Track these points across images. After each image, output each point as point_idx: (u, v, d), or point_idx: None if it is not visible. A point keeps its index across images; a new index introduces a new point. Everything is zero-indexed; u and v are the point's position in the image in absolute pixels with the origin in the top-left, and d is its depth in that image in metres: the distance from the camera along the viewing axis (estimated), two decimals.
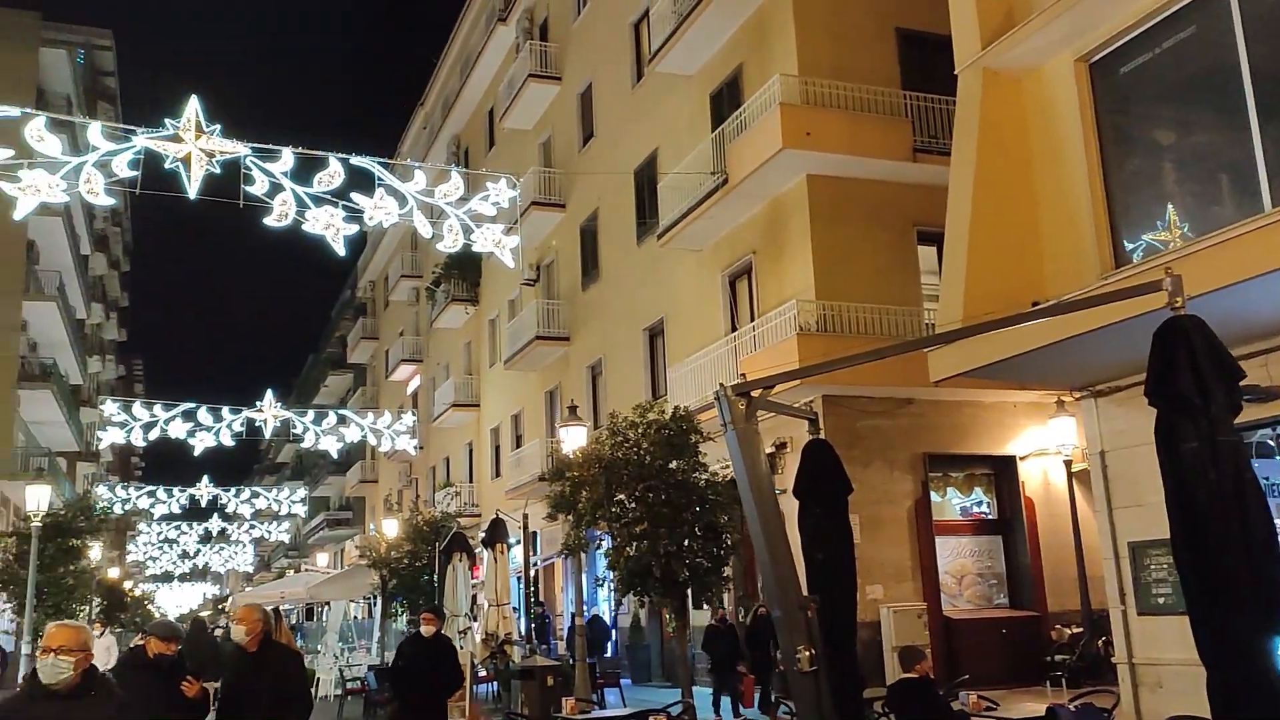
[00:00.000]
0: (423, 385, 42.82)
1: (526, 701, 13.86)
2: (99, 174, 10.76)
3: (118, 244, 60.89)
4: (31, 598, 20.00)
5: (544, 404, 28.96)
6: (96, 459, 53.53)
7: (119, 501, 30.35)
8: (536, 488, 24.96)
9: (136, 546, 52.11)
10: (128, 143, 10.78)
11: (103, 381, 59.00)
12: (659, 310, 22.61)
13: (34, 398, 36.48)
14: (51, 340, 39.73)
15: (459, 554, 18.17)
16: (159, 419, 21.05)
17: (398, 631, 28.11)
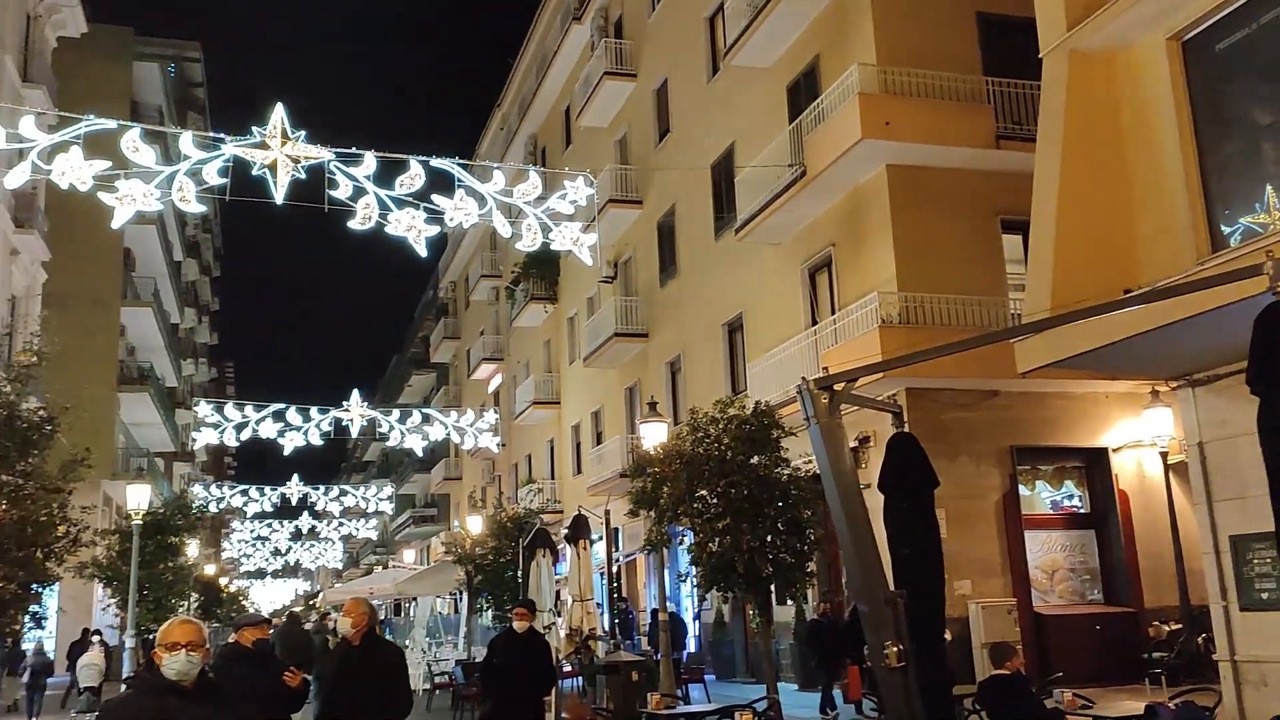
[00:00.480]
0: (504, 383, 43.28)
1: (611, 696, 13.93)
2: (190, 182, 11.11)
3: (208, 250, 62.81)
4: (134, 593, 20.73)
5: (623, 401, 29.04)
6: (192, 459, 55.32)
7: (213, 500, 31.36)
8: (618, 484, 25.07)
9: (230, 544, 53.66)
10: (217, 151, 11.12)
11: (196, 384, 60.91)
12: (738, 305, 22.52)
13: (132, 400, 37.83)
14: (148, 344, 41.15)
15: (542, 550, 18.32)
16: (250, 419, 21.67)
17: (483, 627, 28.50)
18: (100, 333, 34.71)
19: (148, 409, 39.26)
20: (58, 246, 29.69)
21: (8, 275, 25.93)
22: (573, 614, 17.79)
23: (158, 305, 40.31)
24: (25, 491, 11.39)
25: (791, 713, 12.97)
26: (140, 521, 21.07)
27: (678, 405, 25.14)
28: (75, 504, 12.46)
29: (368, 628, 6.83)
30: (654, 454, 14.30)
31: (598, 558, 23.21)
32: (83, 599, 30.08)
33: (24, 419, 11.71)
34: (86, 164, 10.57)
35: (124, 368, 37.95)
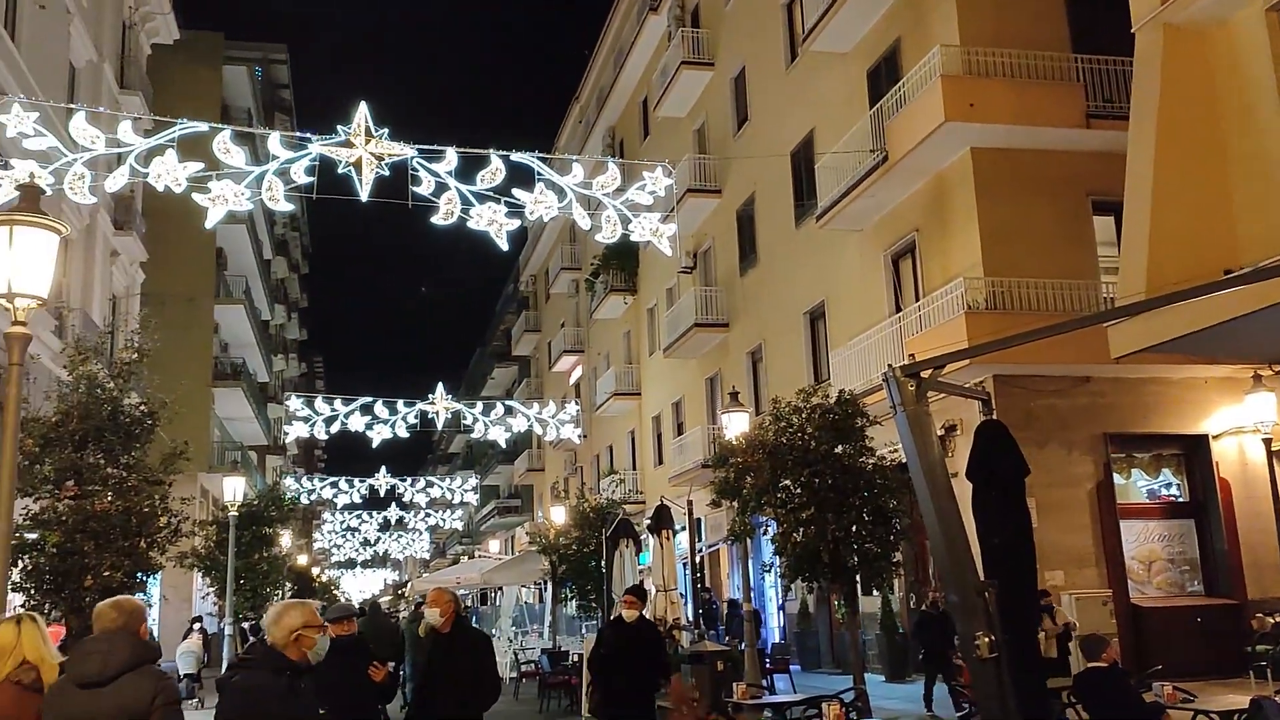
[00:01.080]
0: (585, 375, 43.56)
1: (696, 686, 13.96)
2: (279, 181, 11.42)
3: (296, 248, 64.34)
4: (231, 582, 21.39)
5: (704, 391, 29.02)
6: (283, 452, 56.81)
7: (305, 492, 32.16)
8: (699, 474, 25.08)
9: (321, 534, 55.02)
10: (304, 151, 11.40)
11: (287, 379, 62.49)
12: (819, 293, 22.33)
13: (226, 395, 38.98)
14: (240, 341, 42.34)
15: (625, 540, 18.44)
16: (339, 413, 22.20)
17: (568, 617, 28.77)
18: (195, 330, 35.80)
19: (241, 404, 40.40)
20: (154, 247, 30.73)
21: (108, 276, 26.90)
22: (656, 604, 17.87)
23: (249, 303, 41.44)
24: (129, 484, 11.81)
25: (879, 704, 12.84)
26: (236, 513, 21.71)
27: (759, 395, 25.04)
28: (175, 495, 12.89)
29: (454, 616, 6.91)
30: (736, 444, 14.28)
31: (681, 548, 23.26)
32: (183, 588, 31.09)
33: (127, 414, 12.15)
34: (181, 166, 10.94)
35: (218, 364, 39.10)
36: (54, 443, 11.52)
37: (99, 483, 11.61)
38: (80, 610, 11.13)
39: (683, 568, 24.17)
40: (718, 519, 26.21)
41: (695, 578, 20.32)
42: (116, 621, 4.33)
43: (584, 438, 36.76)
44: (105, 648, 4.18)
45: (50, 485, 11.39)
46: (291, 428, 22.57)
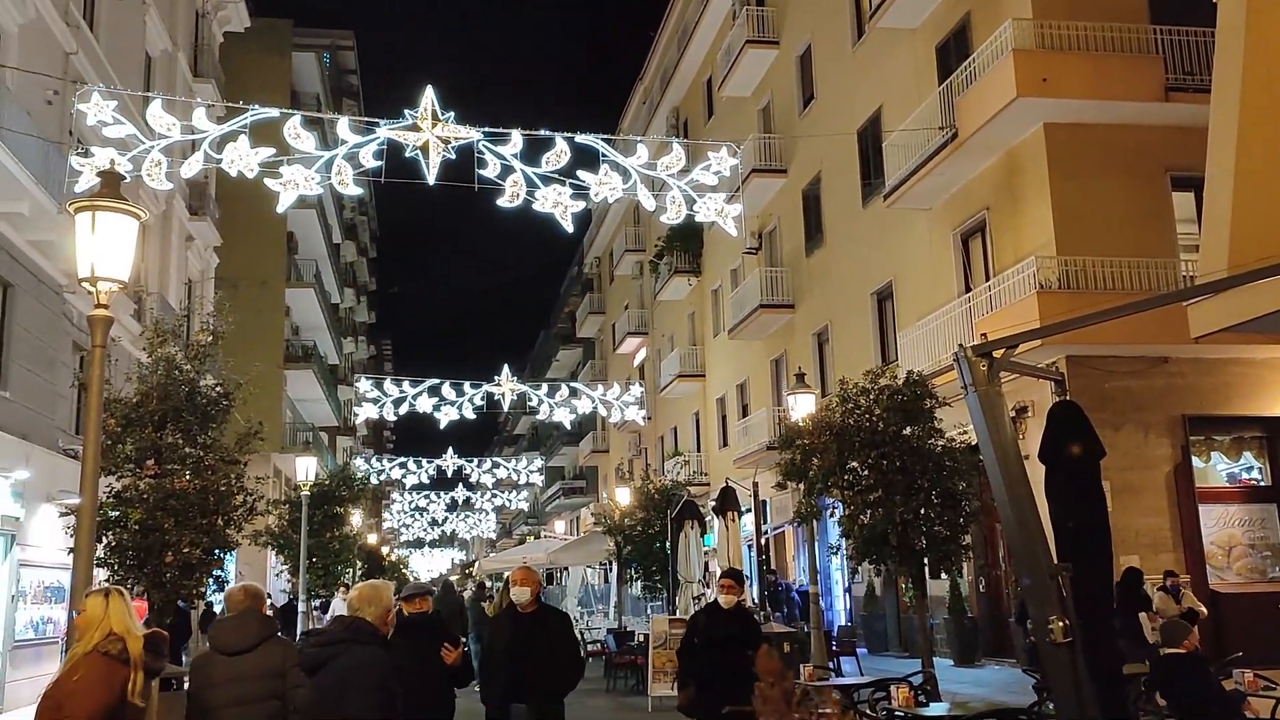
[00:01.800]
0: (649, 357, 43.64)
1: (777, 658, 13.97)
2: (348, 166, 11.59)
3: (365, 232, 65.26)
4: (304, 559, 21.85)
5: (770, 373, 28.91)
6: (353, 433, 57.83)
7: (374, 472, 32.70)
8: (765, 456, 25.02)
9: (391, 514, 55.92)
10: (371, 135, 11.55)
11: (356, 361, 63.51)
12: (887, 273, 22.09)
13: (298, 377, 39.78)
14: (311, 324, 43.14)
15: (690, 521, 18.51)
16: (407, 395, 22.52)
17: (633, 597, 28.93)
18: (267, 313, 36.51)
19: (312, 385, 41.20)
20: (227, 232, 31.42)
21: (184, 260, 27.57)
22: None
23: (319, 286, 42.17)
24: (206, 463, 12.10)
25: (948, 688, 12.71)
26: (308, 492, 22.16)
27: (825, 376, 24.90)
28: (250, 475, 13.19)
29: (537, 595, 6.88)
30: (803, 425, 14.21)
31: (746, 530, 23.26)
32: (257, 565, 31.87)
33: (203, 395, 12.44)
34: (253, 152, 11.16)
35: (289, 346, 39.88)
36: (134, 423, 11.83)
37: (178, 462, 11.91)
38: (161, 585, 11.46)
39: (748, 550, 24.16)
40: (783, 501, 26.15)
41: (760, 560, 20.29)
42: (245, 603, 5.33)
43: (648, 419, 36.81)
44: (242, 623, 5.19)
45: (131, 464, 11.70)
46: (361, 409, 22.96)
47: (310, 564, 23.17)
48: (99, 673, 4.56)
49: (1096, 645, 5.81)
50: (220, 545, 12.16)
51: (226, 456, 12.39)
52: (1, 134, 15.10)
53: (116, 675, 4.58)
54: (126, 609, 4.77)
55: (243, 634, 5.14)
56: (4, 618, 16.24)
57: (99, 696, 4.51)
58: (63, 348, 19.51)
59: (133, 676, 4.60)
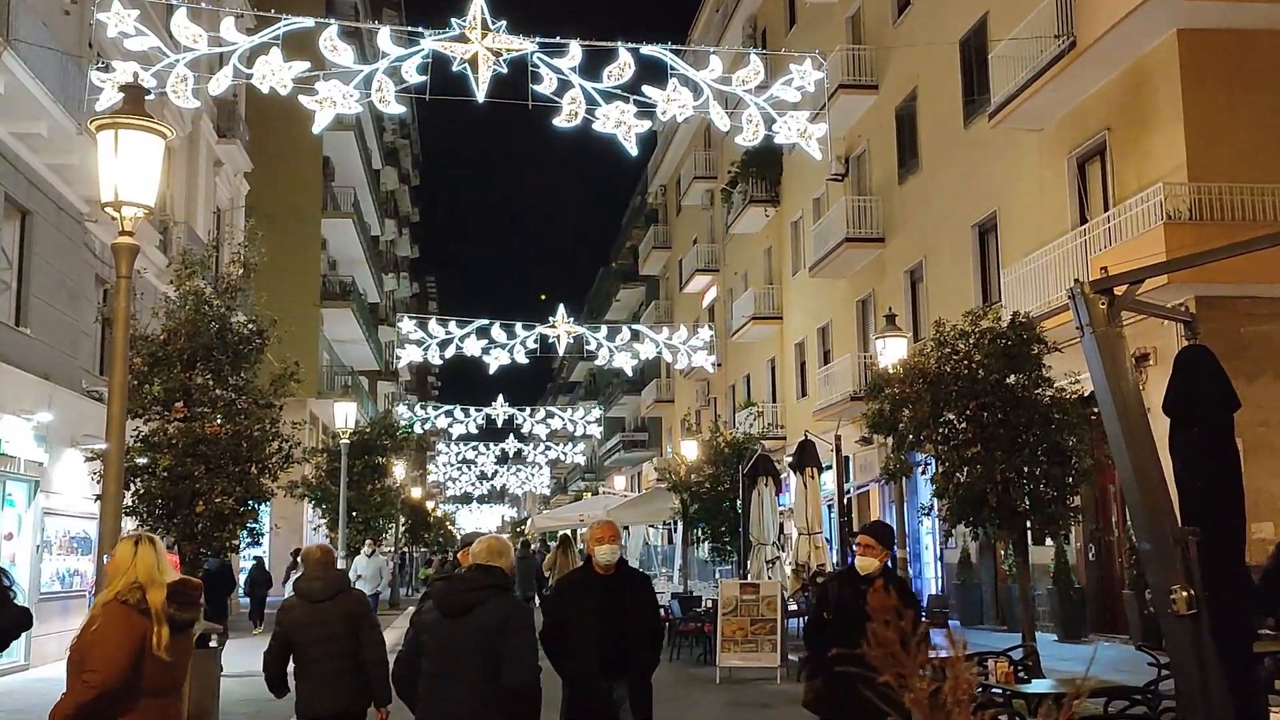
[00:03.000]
0: (719, 297, 43.54)
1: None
2: (389, 81, 11.62)
3: (406, 157, 65.67)
4: (344, 513, 22.36)
5: (855, 314, 28.71)
6: (395, 378, 58.73)
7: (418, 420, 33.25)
8: (848, 408, 24.94)
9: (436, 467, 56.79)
10: (415, 47, 11.55)
11: (398, 299, 64.32)
12: (990, 203, 21.72)
13: (335, 317, 40.38)
14: (349, 257, 43.69)
15: (764, 478, 18.54)
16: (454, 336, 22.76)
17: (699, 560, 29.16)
18: (302, 245, 37.04)
19: (350, 325, 41.82)
20: (258, 157, 31.81)
21: (212, 187, 28.01)
22: (799, 549, 17.98)
23: (358, 216, 42.60)
24: (239, 406, 12.39)
25: (1051, 665, 12.66)
26: (348, 441, 22.59)
27: (919, 318, 24.67)
28: (285, 420, 13.47)
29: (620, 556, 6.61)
30: (893, 372, 14.10)
31: (826, 488, 23.25)
32: (293, 518, 32.72)
33: (235, 333, 12.70)
34: (286, 66, 11.24)
35: (326, 282, 40.46)
36: (162, 362, 12.13)
37: (208, 405, 12.21)
38: (193, 537, 11.82)
39: (828, 510, 24.17)
40: (868, 457, 26.05)
41: (842, 521, 20.29)
42: (321, 558, 7.03)
43: (718, 366, 36.81)
44: (324, 573, 6.88)
45: (159, 406, 12.01)
46: (404, 352, 23.26)
47: (350, 518, 23.69)
48: (117, 623, 4.69)
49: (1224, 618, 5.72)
50: (254, 495, 12.47)
51: (260, 400, 12.66)
52: (16, 48, 15.37)
53: (136, 626, 4.69)
54: (156, 558, 4.90)
55: (326, 584, 6.80)
56: (29, 569, 16.86)
57: (117, 648, 4.62)
58: (85, 281, 20.01)
59: (156, 629, 4.71)
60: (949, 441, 12.75)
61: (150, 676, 4.69)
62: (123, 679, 4.59)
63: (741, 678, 15.30)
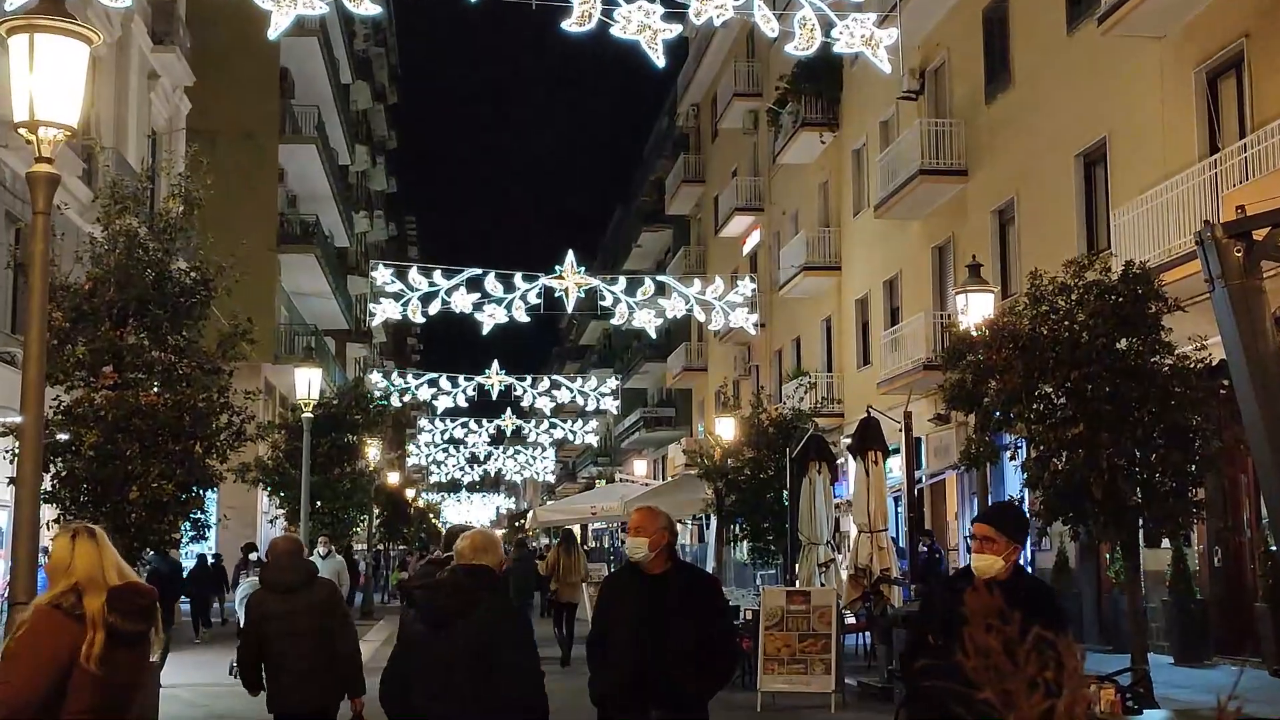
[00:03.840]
0: (763, 242, 43.45)
1: None
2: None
3: (382, 69, 65.58)
4: (306, 503, 22.47)
5: (931, 263, 28.64)
6: (368, 339, 58.97)
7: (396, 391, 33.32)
8: (920, 378, 24.90)
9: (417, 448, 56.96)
10: None
11: (372, 243, 64.45)
12: (1099, 127, 21.61)
13: (296, 264, 40.51)
14: (312, 192, 43.74)
15: (816, 464, 18.57)
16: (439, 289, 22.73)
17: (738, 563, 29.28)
18: (255, 177, 37.09)
19: (314, 274, 41.97)
20: (202, 69, 31.80)
21: (146, 105, 28.07)
22: (858, 550, 18.00)
23: (322, 141, 42.61)
24: (180, 371, 12.46)
25: (1165, 693, 12.70)
26: (311, 415, 22.68)
27: (1009, 269, 24.63)
28: (236, 389, 13.54)
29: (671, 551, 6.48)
30: (976, 335, 14.08)
31: (893, 476, 23.25)
32: (246, 510, 32.94)
33: (175, 282, 12.75)
34: None
35: (284, 222, 40.57)
36: (87, 317, 12.18)
37: (143, 369, 12.27)
38: (125, 530, 11.90)
39: (894, 503, 24.18)
40: (945, 438, 25.99)
41: (911, 516, 20.30)
42: (288, 548, 8.22)
43: (761, 327, 36.72)
44: (293, 563, 8.00)
45: (84, 371, 12.09)
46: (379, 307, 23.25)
47: (314, 509, 23.82)
48: (43, 630, 4.74)
49: None
50: (199, 480, 12.57)
51: (205, 364, 12.73)
52: None
53: (65, 634, 4.73)
54: (97, 554, 4.93)
55: (295, 573, 7.87)
56: None
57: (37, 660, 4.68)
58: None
59: (90, 637, 4.74)
60: (1045, 420, 12.77)
61: (81, 699, 4.71)
62: (41, 697, 4.63)
63: (787, 705, 15.38)
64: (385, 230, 71.59)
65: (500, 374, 32.25)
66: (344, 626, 7.87)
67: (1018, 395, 12.90)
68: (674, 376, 55.52)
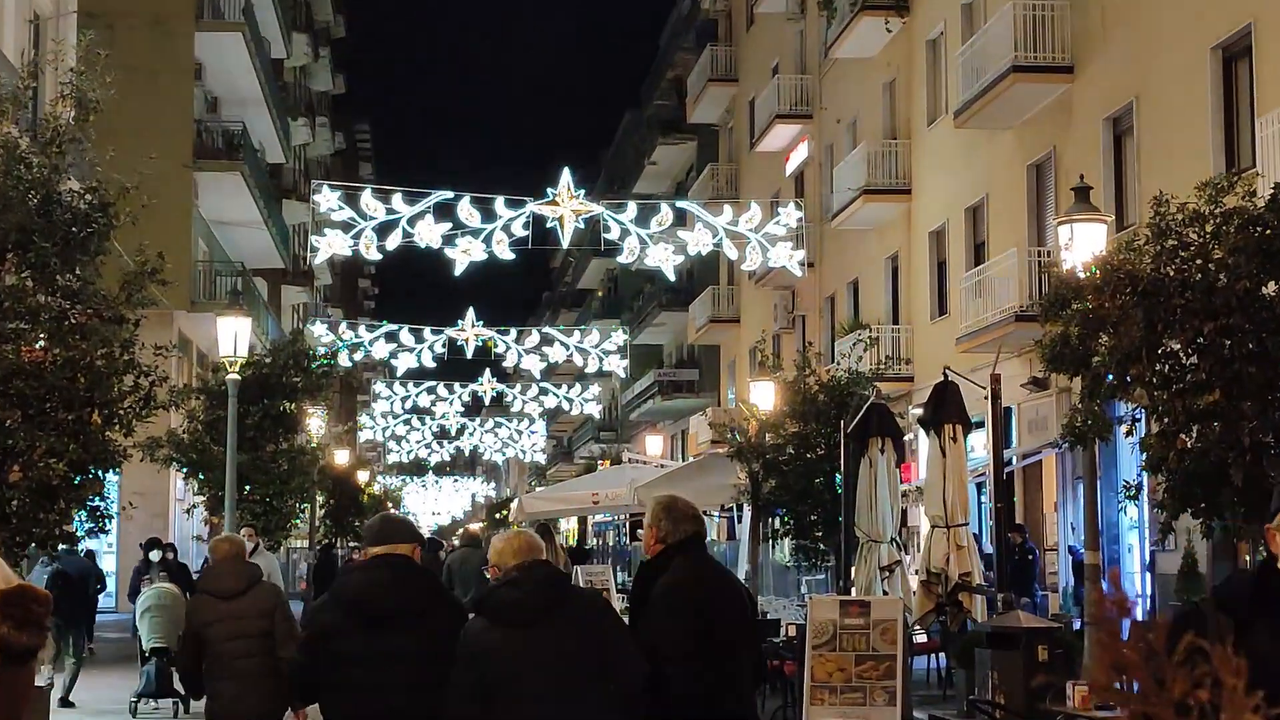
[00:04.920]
0: (812, 159, 43.34)
1: (1001, 684, 14.12)
2: None
3: None
4: (232, 488, 22.49)
5: (1027, 186, 28.58)
6: (309, 281, 59.03)
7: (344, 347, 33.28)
8: (1012, 332, 24.84)
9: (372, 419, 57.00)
10: None
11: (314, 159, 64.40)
12: (1242, 12, 21.52)
13: (217, 185, 40.46)
14: (237, 93, 43.65)
15: (878, 441, 18.55)
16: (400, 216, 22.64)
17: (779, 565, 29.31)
18: (166, 74, 37.03)
19: (240, 199, 41.89)
20: None
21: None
22: (931, 550, 18.02)
23: (251, 29, 42.45)
24: (73, 321, 12.47)
25: None
26: (238, 375, 22.69)
27: (1125, 193, 24.61)
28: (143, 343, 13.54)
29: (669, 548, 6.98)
30: (1085, 277, 14.03)
31: (976, 457, 23.22)
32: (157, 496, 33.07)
33: (66, 208, 12.73)
34: None
35: (202, 132, 40.48)
36: None
37: (26, 318, 12.28)
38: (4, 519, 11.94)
39: (977, 490, 24.17)
40: (1041, 409, 25.96)
41: (999, 507, 20.30)
42: (230, 552, 9.54)
43: (809, 267, 36.64)
44: (234, 568, 9.31)
45: None
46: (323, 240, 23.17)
47: (242, 496, 23.86)
48: None
49: None
50: (96, 458, 12.59)
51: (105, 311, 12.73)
52: None
53: None
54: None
55: (237, 579, 9.17)
56: None
57: None
58: None
59: None
60: (1171, 385, 12.78)
61: None
62: None
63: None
64: (331, 142, 71.47)
65: (477, 326, 32.18)
66: (287, 629, 8.97)
67: (1136, 353, 12.84)
68: (697, 330, 55.46)
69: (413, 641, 6.70)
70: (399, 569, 6.99)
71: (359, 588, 7.11)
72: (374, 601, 6.86)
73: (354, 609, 6.88)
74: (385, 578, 6.94)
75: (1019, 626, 14.80)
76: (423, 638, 6.68)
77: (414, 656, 6.63)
